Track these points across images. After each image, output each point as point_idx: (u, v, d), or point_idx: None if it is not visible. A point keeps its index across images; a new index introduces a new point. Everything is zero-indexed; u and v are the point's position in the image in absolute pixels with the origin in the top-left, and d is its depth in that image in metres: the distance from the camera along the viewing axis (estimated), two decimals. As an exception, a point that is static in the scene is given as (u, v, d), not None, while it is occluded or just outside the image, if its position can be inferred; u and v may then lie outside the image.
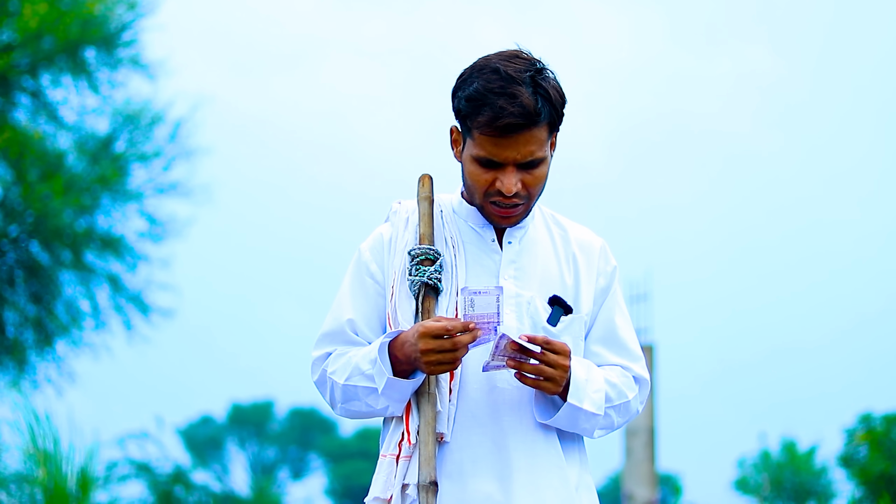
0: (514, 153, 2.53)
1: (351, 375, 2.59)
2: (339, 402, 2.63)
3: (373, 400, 2.57)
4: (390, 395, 2.54)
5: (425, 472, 2.49)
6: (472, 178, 2.59)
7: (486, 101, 2.50)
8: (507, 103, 2.49)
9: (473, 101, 2.53)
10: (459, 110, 2.58)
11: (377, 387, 2.54)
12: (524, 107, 2.49)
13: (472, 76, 2.56)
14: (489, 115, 2.49)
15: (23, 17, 13.58)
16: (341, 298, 2.68)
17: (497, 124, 2.49)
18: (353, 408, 2.62)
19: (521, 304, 2.62)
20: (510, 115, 2.48)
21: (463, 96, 2.56)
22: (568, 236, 2.74)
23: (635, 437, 16.29)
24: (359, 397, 2.59)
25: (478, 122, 2.52)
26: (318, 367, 2.65)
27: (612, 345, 2.71)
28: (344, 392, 2.60)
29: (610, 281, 2.74)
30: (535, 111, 2.50)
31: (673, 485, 40.29)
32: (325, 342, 2.67)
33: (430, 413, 2.54)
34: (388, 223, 2.74)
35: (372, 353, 2.56)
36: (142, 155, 14.81)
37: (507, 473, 2.54)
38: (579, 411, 2.55)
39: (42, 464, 8.96)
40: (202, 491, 15.56)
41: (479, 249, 2.67)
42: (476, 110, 2.52)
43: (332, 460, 46.78)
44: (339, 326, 2.66)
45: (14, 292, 14.63)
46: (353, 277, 2.69)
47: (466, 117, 2.55)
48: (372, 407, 2.58)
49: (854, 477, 16.85)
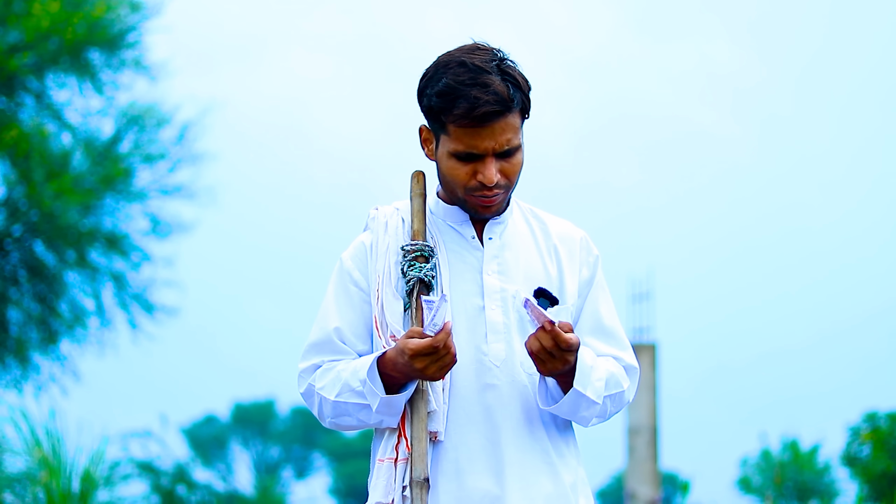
0: (492, 142, 2.53)
1: (341, 392, 2.58)
2: (328, 417, 2.63)
3: (365, 415, 2.56)
4: (385, 411, 2.54)
5: (418, 469, 2.50)
6: (451, 173, 2.59)
7: (459, 94, 2.50)
8: (481, 92, 2.49)
9: (446, 96, 2.52)
10: (431, 108, 2.57)
11: (370, 404, 2.54)
12: (498, 94, 2.50)
13: (437, 73, 2.56)
14: (465, 107, 2.49)
15: (33, 17, 13.60)
16: (326, 308, 2.67)
17: (474, 114, 2.49)
18: (344, 422, 2.61)
19: (506, 299, 2.62)
20: (486, 103, 2.49)
21: (433, 93, 2.55)
22: (548, 229, 2.74)
23: (638, 436, 16.28)
24: (350, 413, 2.58)
25: (454, 116, 2.51)
26: (305, 379, 2.64)
27: (601, 334, 2.71)
28: (334, 408, 2.59)
29: (593, 271, 2.74)
30: (508, 97, 2.51)
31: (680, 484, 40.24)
32: (312, 353, 2.66)
33: (423, 410, 2.54)
34: (367, 231, 2.73)
35: (361, 372, 2.54)
36: (147, 156, 14.84)
37: (501, 469, 2.55)
38: (582, 398, 2.55)
39: (45, 463, 8.98)
40: (206, 490, 15.59)
41: (460, 248, 2.66)
42: (450, 104, 2.51)
43: (336, 459, 46.80)
44: (326, 336, 2.64)
45: (18, 291, 14.65)
46: (337, 287, 2.68)
47: (440, 112, 2.54)
48: (364, 421, 2.58)
49: (857, 476, 16.85)
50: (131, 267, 14.86)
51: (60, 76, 14.37)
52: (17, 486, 9.54)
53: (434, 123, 2.60)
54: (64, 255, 14.53)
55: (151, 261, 14.98)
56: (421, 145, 2.67)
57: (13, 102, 14.32)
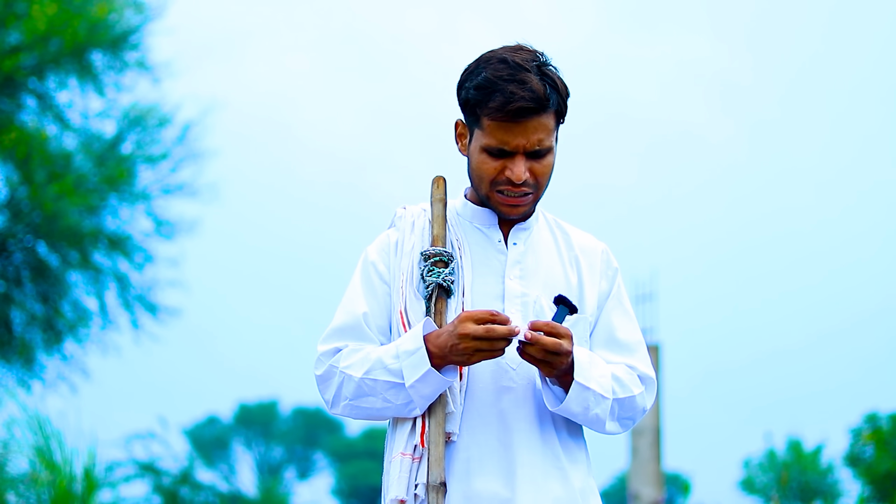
0: (524, 140, 2.57)
1: (372, 369, 2.56)
2: (346, 398, 2.59)
3: (393, 395, 2.54)
4: (420, 389, 2.52)
5: (435, 473, 2.51)
6: (481, 167, 2.62)
7: (497, 88, 2.55)
8: (518, 88, 2.54)
9: (483, 89, 2.57)
10: (468, 101, 2.62)
11: (403, 381, 2.52)
12: (534, 91, 2.55)
13: (478, 67, 2.61)
14: (500, 101, 2.54)
15: (31, 19, 13.61)
16: (352, 295, 2.67)
17: (509, 108, 2.53)
18: (363, 405, 2.58)
19: (526, 304, 2.64)
20: (521, 98, 2.53)
21: (471, 86, 2.60)
22: (571, 240, 2.77)
23: (641, 437, 16.27)
24: (377, 392, 2.56)
25: (489, 109, 2.56)
26: (325, 362, 2.62)
27: (614, 346, 2.72)
28: (359, 387, 2.57)
29: (612, 283, 2.77)
30: (544, 96, 2.56)
31: (681, 484, 40.23)
32: (335, 337, 2.64)
33: (441, 413, 2.55)
34: (392, 228, 2.76)
35: (404, 345, 2.54)
36: (149, 157, 14.85)
37: (511, 471, 2.56)
38: (587, 391, 2.55)
39: (48, 464, 8.98)
40: (209, 491, 15.59)
41: (484, 250, 2.69)
42: (486, 97, 2.56)
43: (339, 460, 46.79)
44: (355, 320, 2.64)
45: (21, 292, 14.66)
46: (363, 277, 2.69)
47: (476, 106, 2.59)
48: (389, 403, 2.55)
49: (860, 476, 16.86)
50: (134, 268, 14.87)
51: (62, 77, 14.37)
52: (20, 487, 9.55)
53: (469, 117, 2.64)
54: (67, 256, 14.54)
55: (154, 262, 15.00)
56: (455, 140, 2.71)
57: (14, 104, 14.32)
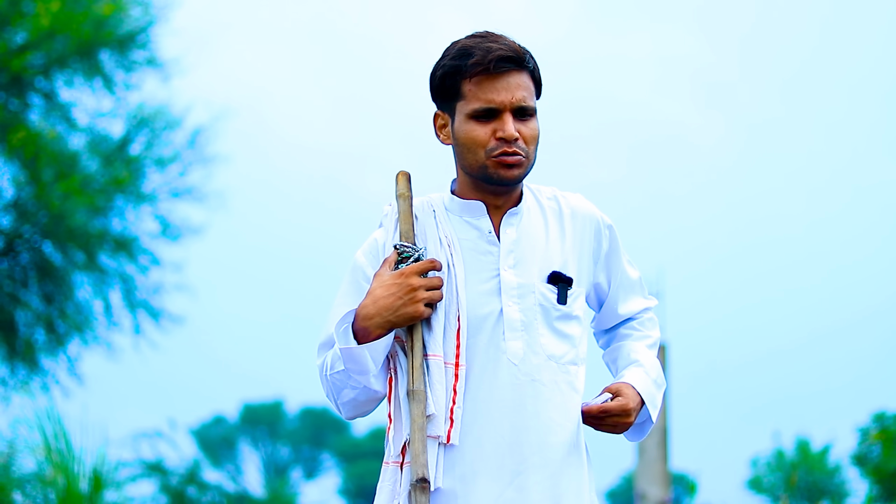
0: (508, 95, 2.58)
1: (333, 364, 2.58)
2: (337, 400, 2.62)
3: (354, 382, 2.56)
4: (351, 365, 2.53)
5: (414, 471, 2.47)
6: (471, 137, 2.60)
7: (473, 49, 2.59)
8: (494, 44, 2.59)
9: (460, 55, 2.60)
10: (444, 76, 2.63)
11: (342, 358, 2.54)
12: (510, 46, 2.59)
13: (450, 47, 2.65)
14: (480, 55, 2.57)
15: (37, 16, 13.60)
16: (340, 301, 2.66)
17: (489, 58, 2.56)
18: (346, 399, 2.60)
19: (524, 295, 2.61)
20: (499, 49, 2.57)
21: (447, 59, 2.63)
22: (561, 209, 2.74)
23: (648, 436, 16.23)
24: (344, 383, 2.57)
25: (468, 67, 2.58)
26: (321, 374, 2.63)
27: (631, 290, 2.82)
28: (334, 385, 2.59)
29: (611, 241, 2.79)
30: (521, 51, 2.61)
31: (687, 484, 40.20)
32: (325, 349, 2.65)
33: (416, 411, 2.50)
34: (381, 228, 2.73)
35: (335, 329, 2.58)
36: (158, 159, 14.82)
37: (518, 472, 2.53)
38: (656, 410, 2.73)
39: (55, 464, 8.98)
40: (216, 491, 15.59)
41: (475, 244, 2.65)
42: (465, 59, 2.59)
43: (346, 460, 46.82)
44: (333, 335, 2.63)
45: (27, 292, 14.66)
46: (350, 283, 2.68)
47: (455, 74, 2.60)
48: (357, 388, 2.56)
49: (868, 476, 16.82)
50: (140, 270, 14.85)
51: (69, 76, 14.36)
52: (27, 487, 9.55)
53: (447, 98, 2.64)
54: (72, 256, 14.54)
55: (160, 264, 14.97)
56: (436, 133, 2.69)
57: (22, 103, 14.32)
